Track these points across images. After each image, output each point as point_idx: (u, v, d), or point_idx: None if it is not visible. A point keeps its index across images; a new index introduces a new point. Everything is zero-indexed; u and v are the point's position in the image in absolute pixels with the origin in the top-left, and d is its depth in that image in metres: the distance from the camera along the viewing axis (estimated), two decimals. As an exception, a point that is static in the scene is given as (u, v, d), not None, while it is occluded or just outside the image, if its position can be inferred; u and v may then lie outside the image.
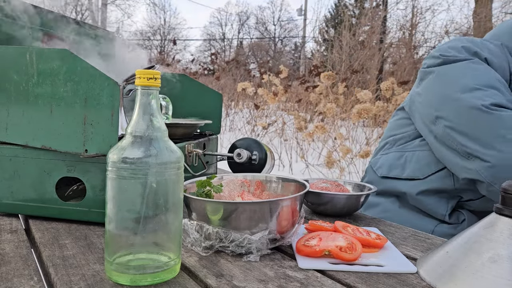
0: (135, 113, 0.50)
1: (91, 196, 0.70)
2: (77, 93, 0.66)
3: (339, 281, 0.53)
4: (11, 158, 0.72)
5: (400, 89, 3.94)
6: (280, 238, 0.62)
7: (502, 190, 0.53)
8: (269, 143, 5.00)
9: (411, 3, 10.23)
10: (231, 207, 0.59)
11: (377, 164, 1.17)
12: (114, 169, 0.49)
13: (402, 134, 1.14)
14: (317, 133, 3.29)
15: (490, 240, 0.52)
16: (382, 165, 1.15)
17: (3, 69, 0.71)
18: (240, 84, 5.23)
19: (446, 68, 0.99)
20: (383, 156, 1.17)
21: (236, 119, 6.85)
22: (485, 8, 7.97)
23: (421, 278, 0.55)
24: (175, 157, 0.51)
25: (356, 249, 0.59)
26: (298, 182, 0.72)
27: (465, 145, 0.88)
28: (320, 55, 9.42)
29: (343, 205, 0.82)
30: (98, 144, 0.65)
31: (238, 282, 0.51)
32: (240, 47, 22.45)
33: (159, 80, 0.50)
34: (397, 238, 0.72)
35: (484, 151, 0.85)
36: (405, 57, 8.06)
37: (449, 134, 0.92)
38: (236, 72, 9.24)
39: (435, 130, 0.97)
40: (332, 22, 15.87)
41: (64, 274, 0.52)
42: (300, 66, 12.56)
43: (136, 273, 0.49)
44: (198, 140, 0.98)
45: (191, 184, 0.71)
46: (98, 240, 0.64)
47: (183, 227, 0.60)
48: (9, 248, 0.60)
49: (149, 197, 0.49)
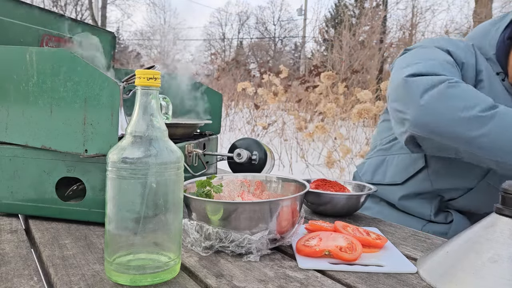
0: (135, 113, 0.50)
1: (91, 196, 0.69)
2: (77, 93, 0.66)
3: (339, 281, 0.53)
4: (11, 158, 0.72)
5: (400, 89, 3.93)
6: (280, 238, 0.62)
7: (502, 190, 0.53)
8: (269, 143, 5.00)
9: (411, 3, 10.24)
10: (231, 207, 0.59)
11: (362, 170, 1.20)
12: (114, 169, 0.49)
13: (386, 138, 1.17)
14: (317, 133, 3.29)
15: (490, 240, 0.52)
16: (366, 171, 1.18)
17: (3, 69, 0.71)
18: (240, 84, 5.23)
19: (401, 57, 1.05)
20: (367, 161, 1.20)
21: (236, 119, 6.85)
22: (485, 8, 7.97)
23: (421, 278, 0.55)
24: (175, 157, 0.51)
25: (356, 249, 0.59)
26: (298, 182, 0.72)
27: (399, 110, 0.94)
28: (320, 55, 9.42)
29: (343, 205, 0.82)
30: (98, 144, 0.65)
31: (238, 282, 0.51)
32: (240, 47, 22.45)
33: (159, 80, 0.50)
34: (397, 238, 0.72)
35: (407, 110, 0.91)
36: (405, 57, 8.04)
37: (391, 107, 0.98)
38: (236, 72, 9.24)
39: (389, 110, 1.02)
40: (332, 22, 15.86)
41: (64, 274, 0.52)
42: (300, 66, 12.56)
43: (136, 273, 0.49)
44: (198, 140, 0.98)
45: (191, 184, 0.71)
46: (98, 240, 0.64)
47: (183, 227, 0.60)
48: (9, 248, 0.60)
49: (149, 197, 0.49)
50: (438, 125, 0.86)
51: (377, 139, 1.22)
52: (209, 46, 23.22)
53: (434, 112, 0.86)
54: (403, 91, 0.91)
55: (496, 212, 0.54)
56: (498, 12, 8.52)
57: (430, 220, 1.07)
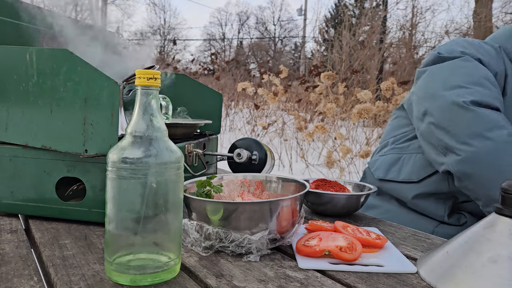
0: (135, 113, 0.50)
1: (91, 196, 0.69)
2: (77, 93, 0.66)
3: (339, 281, 0.53)
4: (11, 158, 0.72)
5: (400, 89, 3.94)
6: (280, 238, 0.62)
7: (502, 190, 0.53)
8: (269, 143, 5.00)
9: (411, 3, 10.24)
10: (231, 207, 0.59)
11: (374, 166, 1.17)
12: (114, 169, 0.49)
13: (401, 134, 1.14)
14: (317, 133, 3.29)
15: (490, 240, 0.52)
16: (379, 167, 1.15)
17: (3, 69, 0.71)
18: (240, 84, 5.23)
19: (437, 67, 1.02)
20: (381, 158, 1.17)
21: (236, 119, 6.84)
22: (485, 8, 7.97)
23: (421, 278, 0.54)
24: (175, 157, 0.51)
25: (356, 249, 0.59)
26: (298, 182, 0.72)
27: (443, 140, 0.90)
28: (320, 55, 9.41)
29: (343, 205, 0.82)
30: (98, 144, 0.65)
31: (238, 282, 0.51)
32: (240, 47, 22.45)
33: (159, 80, 0.50)
34: (397, 238, 0.72)
35: (458, 146, 0.87)
36: (405, 57, 8.06)
37: (431, 130, 0.94)
38: (236, 72, 9.23)
39: (421, 126, 0.99)
40: (332, 22, 15.87)
41: (64, 274, 0.52)
42: (300, 66, 12.56)
43: (136, 273, 0.49)
44: (198, 140, 0.98)
45: (191, 184, 0.71)
46: (98, 240, 0.64)
47: (183, 227, 0.60)
48: (9, 248, 0.60)
49: (149, 197, 0.49)
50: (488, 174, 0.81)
51: (389, 135, 1.19)
52: (209, 46, 23.22)
53: (495, 156, 0.81)
54: (460, 120, 0.87)
55: (496, 212, 0.54)
56: (498, 12, 8.52)
57: (442, 222, 1.05)
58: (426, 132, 0.96)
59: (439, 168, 0.94)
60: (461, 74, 0.96)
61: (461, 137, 0.87)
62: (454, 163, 0.87)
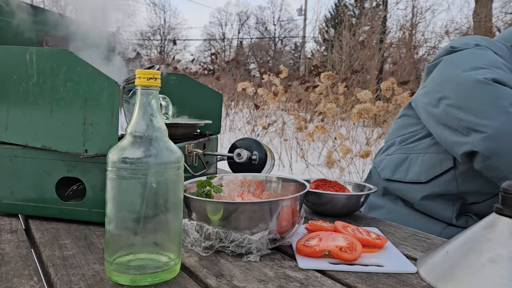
0: (135, 113, 0.50)
1: (91, 196, 0.69)
2: (77, 93, 0.66)
3: (339, 281, 0.53)
4: (11, 158, 0.72)
5: (400, 89, 3.94)
6: (280, 238, 0.62)
7: (502, 190, 0.53)
8: (269, 143, 5.00)
9: (411, 3, 10.25)
10: (231, 207, 0.59)
11: (381, 165, 1.15)
12: (114, 169, 0.49)
13: (409, 134, 1.12)
14: (317, 133, 3.29)
15: (490, 240, 0.52)
16: (386, 167, 1.13)
17: (3, 69, 0.71)
18: (240, 84, 5.22)
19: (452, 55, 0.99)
20: (387, 157, 1.15)
21: (236, 119, 6.84)
22: (485, 8, 7.97)
23: (421, 278, 0.55)
24: (175, 157, 0.51)
25: (356, 249, 0.59)
26: (298, 182, 0.72)
27: (464, 119, 0.87)
28: (320, 55, 9.41)
29: (343, 205, 0.82)
30: (98, 144, 0.65)
31: (238, 282, 0.51)
32: (240, 47, 22.45)
33: (159, 80, 0.50)
34: (397, 238, 0.72)
35: (481, 121, 0.84)
36: (405, 57, 8.06)
37: (449, 112, 0.91)
38: (236, 72, 9.23)
39: (436, 112, 0.96)
40: (332, 22, 15.88)
41: (64, 274, 0.52)
42: (300, 66, 12.55)
43: (136, 273, 0.49)
44: (198, 140, 0.98)
45: (191, 184, 0.71)
46: (98, 240, 0.64)
47: (183, 227, 0.60)
48: (9, 248, 0.60)
49: (149, 197, 0.49)
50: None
51: (394, 135, 1.17)
52: (209, 46, 23.23)
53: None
54: (483, 96, 0.84)
55: (496, 212, 0.54)
56: (498, 12, 8.52)
57: (450, 224, 1.03)
58: (443, 115, 0.93)
59: (460, 149, 0.89)
60: (479, 58, 0.94)
61: (485, 113, 0.84)
62: (480, 140, 0.83)
